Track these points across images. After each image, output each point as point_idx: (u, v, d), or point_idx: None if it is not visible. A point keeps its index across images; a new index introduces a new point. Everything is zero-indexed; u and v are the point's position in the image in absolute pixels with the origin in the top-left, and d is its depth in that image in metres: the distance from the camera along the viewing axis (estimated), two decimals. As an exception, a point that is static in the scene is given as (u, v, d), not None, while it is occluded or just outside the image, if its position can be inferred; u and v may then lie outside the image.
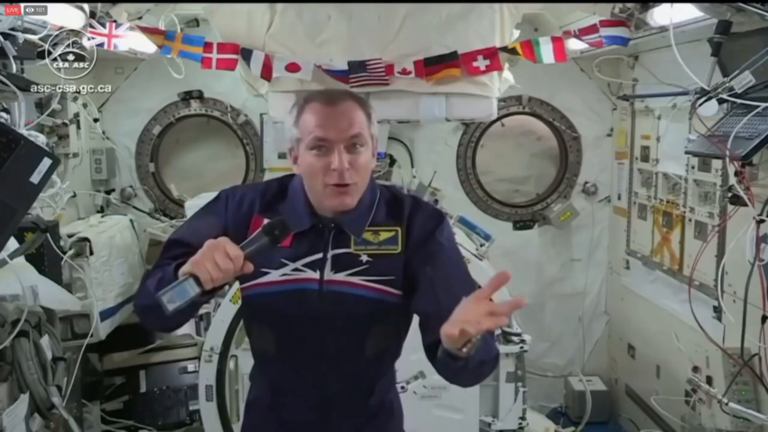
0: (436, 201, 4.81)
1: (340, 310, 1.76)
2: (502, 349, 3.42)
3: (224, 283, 1.56)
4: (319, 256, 1.76)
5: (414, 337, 1.92)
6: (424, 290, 1.73)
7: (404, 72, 3.37)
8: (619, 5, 3.28)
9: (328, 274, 1.76)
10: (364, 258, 1.76)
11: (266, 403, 1.93)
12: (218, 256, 1.51)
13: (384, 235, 1.78)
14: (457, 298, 1.59)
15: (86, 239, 3.68)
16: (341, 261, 1.76)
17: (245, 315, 1.97)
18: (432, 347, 1.65)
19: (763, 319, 2.73)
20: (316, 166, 1.70)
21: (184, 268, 1.53)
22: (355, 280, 1.76)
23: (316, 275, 1.76)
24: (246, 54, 3.39)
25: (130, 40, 3.49)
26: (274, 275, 1.77)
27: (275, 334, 1.83)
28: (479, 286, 1.72)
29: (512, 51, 3.39)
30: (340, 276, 1.76)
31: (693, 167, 3.68)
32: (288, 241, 1.73)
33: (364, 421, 1.89)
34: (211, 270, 1.50)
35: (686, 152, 3.23)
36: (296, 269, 1.76)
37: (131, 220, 4.48)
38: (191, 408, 4.27)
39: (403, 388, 3.25)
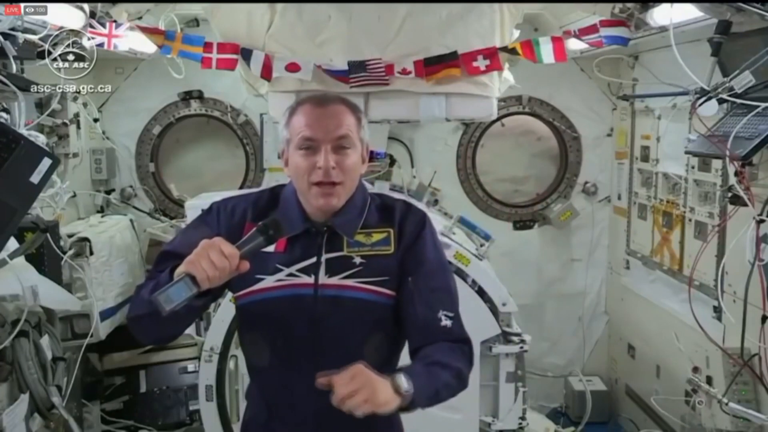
0: (436, 201, 4.82)
1: (336, 314, 1.74)
2: (502, 349, 3.42)
3: (219, 284, 1.55)
4: (313, 260, 1.76)
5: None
6: (406, 298, 1.76)
7: (404, 72, 3.37)
8: (619, 5, 3.28)
9: (323, 278, 1.75)
10: (358, 260, 1.76)
11: (262, 422, 1.89)
12: (214, 255, 1.51)
13: (376, 237, 1.79)
14: (434, 310, 1.72)
15: (86, 239, 3.68)
16: (335, 264, 1.76)
17: (240, 326, 1.94)
18: (412, 353, 1.77)
19: (763, 319, 2.73)
20: (302, 165, 1.72)
21: (180, 268, 1.53)
22: (350, 282, 1.76)
23: (310, 280, 1.75)
24: (246, 54, 3.39)
25: (130, 40, 3.49)
26: (268, 281, 1.76)
27: (270, 343, 1.81)
28: (457, 302, 1.82)
29: (512, 51, 3.39)
30: (335, 279, 1.75)
31: (693, 167, 3.68)
32: (282, 246, 1.75)
33: None
34: (207, 268, 1.49)
35: (686, 152, 3.23)
36: (291, 274, 1.76)
37: (131, 220, 4.48)
38: (191, 408, 4.27)
39: (403, 388, 3.24)
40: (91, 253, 3.68)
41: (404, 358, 1.98)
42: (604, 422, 4.70)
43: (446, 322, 1.74)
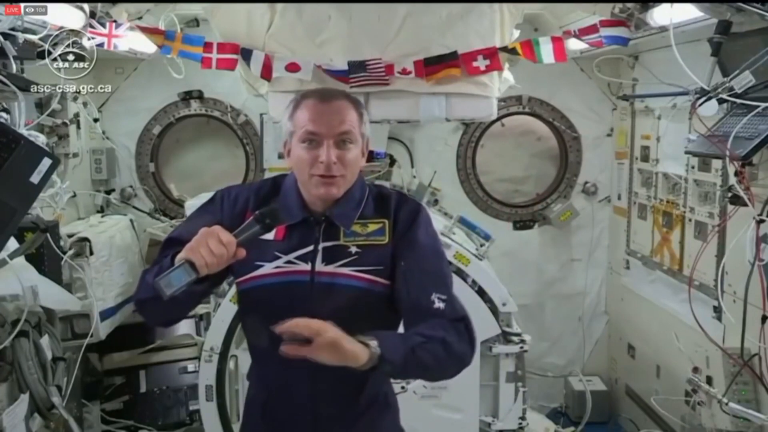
0: (436, 201, 4.82)
1: (330, 300, 1.80)
2: (502, 349, 3.42)
3: (219, 270, 1.62)
4: (311, 248, 1.83)
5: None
6: (399, 282, 1.82)
7: (404, 72, 3.36)
8: (619, 5, 3.28)
9: (319, 266, 1.82)
10: (353, 249, 1.84)
11: (261, 401, 1.98)
12: (212, 243, 1.58)
13: (372, 227, 1.86)
14: (427, 293, 1.76)
15: (86, 239, 3.68)
16: (331, 253, 1.83)
17: (241, 310, 2.02)
18: None
19: (763, 319, 2.73)
20: (305, 158, 1.79)
21: (180, 255, 1.61)
22: (345, 270, 1.82)
23: (307, 267, 1.82)
24: (246, 54, 3.38)
25: (130, 40, 3.48)
26: (267, 268, 1.84)
27: (268, 326, 1.84)
28: (450, 284, 1.86)
29: (512, 51, 3.38)
30: (331, 267, 1.82)
31: (693, 167, 3.69)
32: (281, 234, 1.82)
33: (358, 415, 1.93)
34: (205, 255, 1.57)
35: (686, 152, 3.23)
36: (289, 262, 1.83)
37: (131, 220, 4.48)
38: (191, 408, 4.28)
39: (403, 388, 3.25)
40: (91, 253, 3.68)
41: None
42: (604, 422, 4.70)
43: (439, 305, 1.79)
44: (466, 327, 1.81)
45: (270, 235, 1.76)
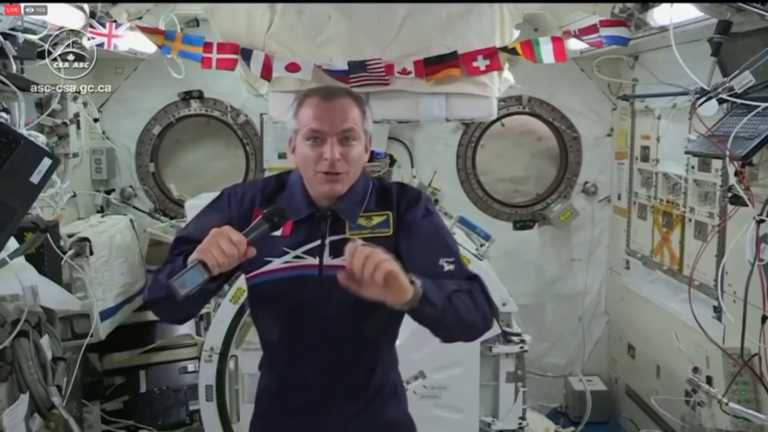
0: (437, 201, 4.82)
1: (339, 293, 1.80)
2: (502, 349, 3.42)
3: (230, 269, 1.66)
4: (318, 243, 1.87)
5: (414, 336, 1.92)
6: (406, 262, 1.83)
7: (404, 72, 3.36)
8: (619, 5, 3.28)
9: (327, 260, 1.87)
10: (359, 242, 1.83)
11: (273, 390, 2.03)
12: (223, 243, 1.62)
13: (376, 220, 1.91)
14: (434, 262, 1.80)
15: (86, 239, 3.68)
16: (338, 246, 1.85)
17: (251, 304, 2.06)
18: None
19: (763, 319, 2.73)
20: (309, 155, 1.83)
21: (192, 256, 1.64)
22: None
23: (315, 261, 1.87)
24: (246, 54, 3.38)
25: (130, 40, 3.49)
26: (276, 263, 1.88)
27: (279, 320, 1.92)
28: (455, 249, 1.91)
29: (512, 51, 3.38)
30: (338, 261, 1.84)
31: (693, 167, 3.69)
32: (288, 230, 1.87)
33: (367, 402, 1.97)
34: (217, 255, 1.61)
35: (686, 152, 3.23)
36: (297, 256, 1.88)
37: (131, 220, 4.47)
38: (191, 408, 4.28)
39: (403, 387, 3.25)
40: (91, 253, 3.68)
41: (405, 356, 2.00)
42: (604, 422, 4.69)
43: (449, 267, 1.84)
44: (480, 285, 1.85)
45: (278, 231, 1.80)
